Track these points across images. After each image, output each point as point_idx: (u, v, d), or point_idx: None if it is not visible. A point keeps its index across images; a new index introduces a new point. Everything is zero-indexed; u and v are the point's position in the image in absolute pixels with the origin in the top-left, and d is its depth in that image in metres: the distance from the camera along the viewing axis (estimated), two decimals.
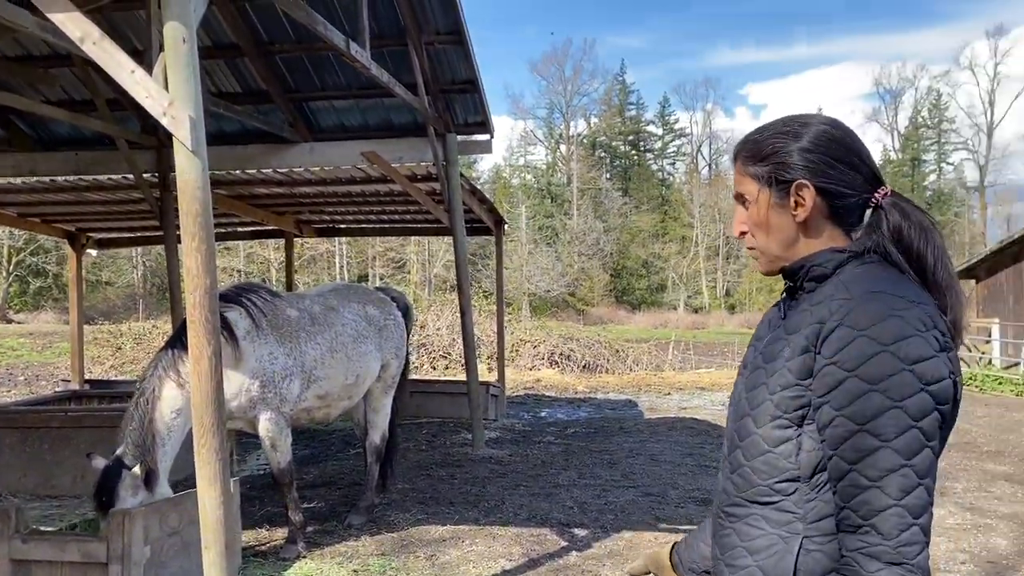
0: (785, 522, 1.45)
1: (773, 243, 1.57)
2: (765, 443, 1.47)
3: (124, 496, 4.94)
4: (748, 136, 1.62)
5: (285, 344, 5.75)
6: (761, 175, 1.56)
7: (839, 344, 1.36)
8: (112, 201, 10.64)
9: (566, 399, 15.00)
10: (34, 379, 17.48)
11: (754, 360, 1.58)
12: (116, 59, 3.87)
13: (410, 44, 8.28)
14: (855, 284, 1.42)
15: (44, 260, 35.70)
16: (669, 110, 68.46)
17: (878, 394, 1.32)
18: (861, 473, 1.32)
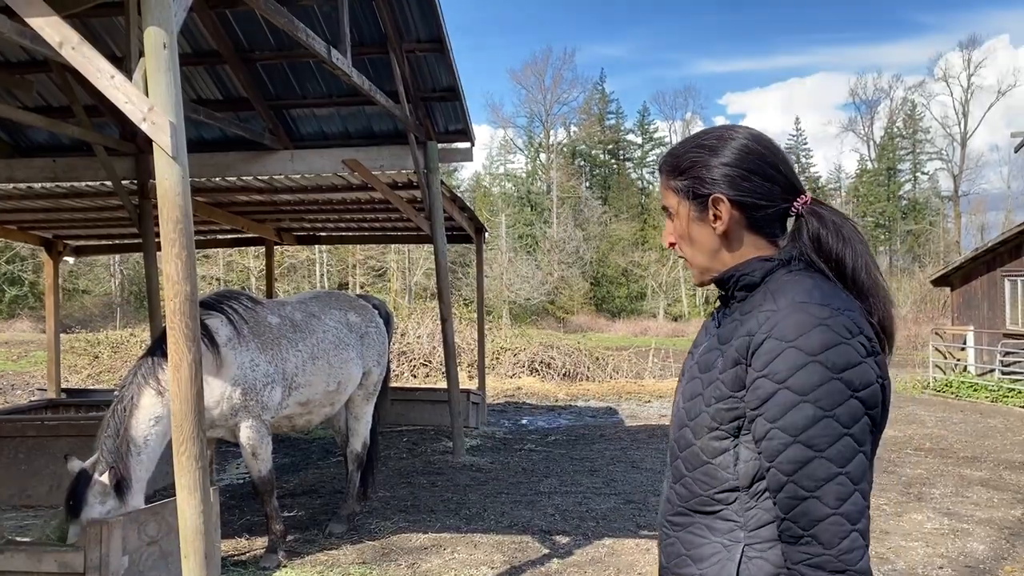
0: (727, 530, 1.47)
1: (698, 254, 1.60)
2: (704, 454, 1.49)
3: (92, 503, 4.89)
4: (671, 149, 1.65)
5: (267, 351, 5.72)
6: (681, 188, 1.59)
7: (769, 356, 1.38)
8: (90, 208, 10.55)
9: (547, 407, 15.00)
10: (9, 388, 17.24)
11: (691, 369, 1.60)
12: (95, 64, 3.85)
13: (391, 52, 8.29)
14: (781, 295, 1.44)
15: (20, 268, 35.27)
16: (649, 119, 68.90)
17: (809, 405, 1.34)
18: (798, 484, 1.34)
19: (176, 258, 3.71)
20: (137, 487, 5.12)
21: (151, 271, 9.61)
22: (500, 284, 45.78)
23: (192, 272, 3.77)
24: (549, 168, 61.65)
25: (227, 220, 11.38)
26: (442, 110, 9.38)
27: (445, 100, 9.19)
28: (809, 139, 73.84)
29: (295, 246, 14.47)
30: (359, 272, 46.73)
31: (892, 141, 64.56)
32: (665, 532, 1.60)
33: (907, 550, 6.01)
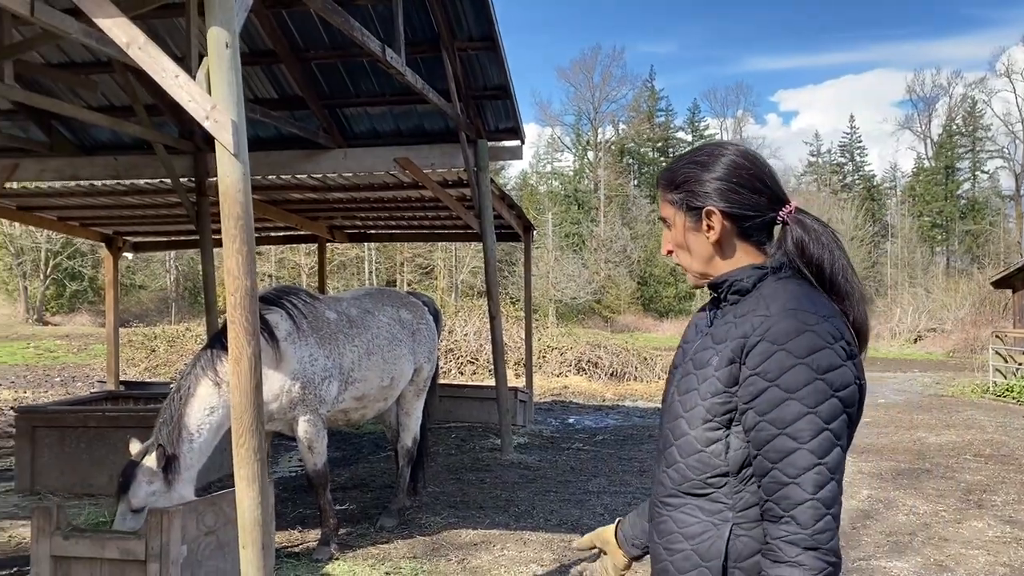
0: (716, 511, 1.65)
1: (694, 261, 1.77)
2: (698, 443, 1.65)
3: (140, 481, 4.99)
4: (667, 165, 1.82)
5: (325, 346, 5.80)
6: (676, 201, 1.77)
7: (761, 358, 1.55)
8: (149, 205, 10.81)
9: (594, 406, 14.95)
10: (70, 380, 17.77)
11: (684, 365, 1.76)
12: (161, 64, 3.94)
13: (443, 50, 8.33)
14: (773, 300, 1.61)
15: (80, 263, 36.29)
16: (699, 116, 68.27)
17: (795, 402, 1.52)
18: (782, 471, 1.52)
19: (237, 253, 3.78)
20: (186, 475, 5.21)
21: (208, 267, 9.81)
22: (546, 283, 45.72)
23: (252, 267, 3.84)
24: (597, 166, 61.39)
25: (281, 218, 11.56)
26: (493, 108, 9.40)
27: (496, 98, 9.21)
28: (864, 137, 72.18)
29: (345, 243, 14.65)
30: (407, 270, 47.13)
31: (951, 139, 62.92)
32: (658, 511, 1.76)
33: (967, 558, 5.85)
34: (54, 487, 7.51)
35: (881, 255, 58.37)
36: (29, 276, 34.59)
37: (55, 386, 16.78)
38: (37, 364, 20.86)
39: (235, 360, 3.83)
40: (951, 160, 62.26)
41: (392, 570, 5.39)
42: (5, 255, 34.38)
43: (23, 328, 29.60)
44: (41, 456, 7.58)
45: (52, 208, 11.31)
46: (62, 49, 8.55)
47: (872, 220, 58.78)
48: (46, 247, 34.34)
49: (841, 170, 67.87)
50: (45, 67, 8.59)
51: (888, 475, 8.71)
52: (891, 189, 67.41)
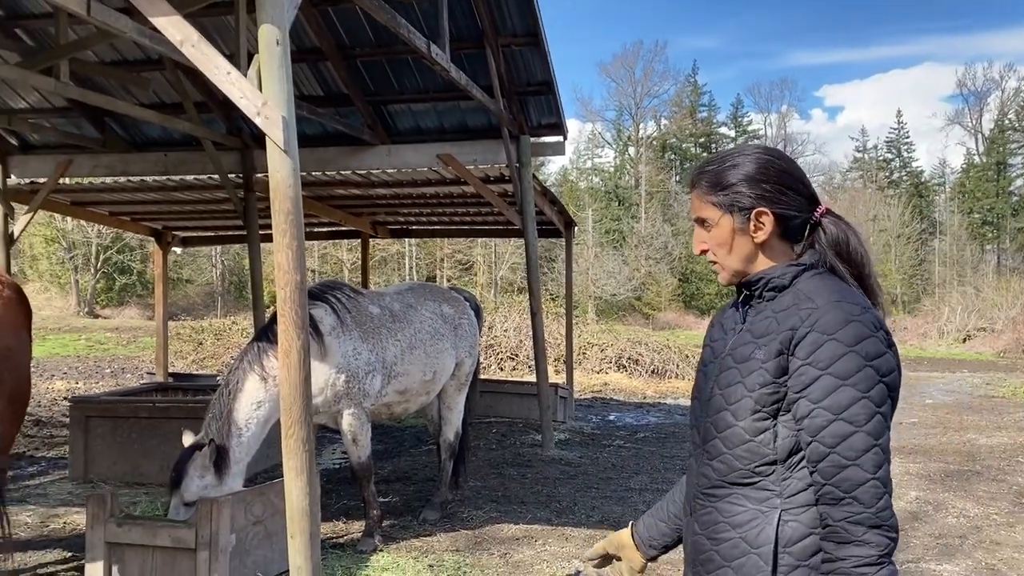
0: (764, 499, 1.70)
1: (735, 260, 1.82)
2: (747, 433, 1.70)
3: (192, 475, 5.10)
4: (705, 167, 1.85)
5: (368, 340, 5.86)
6: (722, 203, 1.80)
7: (812, 348, 1.62)
8: (197, 200, 11.02)
9: (634, 403, 14.89)
10: (120, 371, 18.20)
11: (719, 361, 1.81)
12: (213, 61, 4.01)
13: (487, 47, 8.36)
14: (817, 294, 1.68)
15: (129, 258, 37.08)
16: (742, 112, 67.41)
17: (849, 388, 1.58)
18: (841, 455, 1.58)
19: (287, 248, 3.84)
20: (236, 468, 5.31)
21: (255, 262, 9.97)
22: (586, 279, 45.57)
23: (301, 262, 3.90)
24: (638, 162, 61.00)
25: (326, 213, 11.70)
26: (535, 104, 9.41)
27: (539, 94, 9.22)
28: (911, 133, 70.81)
29: (386, 239, 14.78)
30: (446, 265, 47.33)
31: (1003, 134, 61.29)
32: (700, 503, 1.80)
33: (1020, 562, 5.72)
34: (106, 475, 7.70)
35: (929, 253, 57.14)
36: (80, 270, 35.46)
37: (105, 377, 17.20)
38: (88, 356, 21.39)
39: (284, 353, 3.89)
40: (1003, 156, 60.66)
41: (435, 563, 5.44)
42: (58, 249, 35.28)
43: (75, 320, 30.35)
44: (94, 445, 7.78)
45: (104, 203, 11.59)
46: (115, 47, 8.75)
47: (920, 217, 57.53)
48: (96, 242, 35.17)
49: (888, 166, 66.55)
50: (99, 65, 8.79)
51: (937, 476, 8.54)
52: (940, 185, 65.90)
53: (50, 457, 8.91)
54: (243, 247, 28.30)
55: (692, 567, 1.85)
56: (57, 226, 33.95)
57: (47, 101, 9.75)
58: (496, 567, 5.41)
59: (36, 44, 8.61)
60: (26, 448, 9.32)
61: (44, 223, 32.63)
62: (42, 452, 9.19)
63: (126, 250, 36.46)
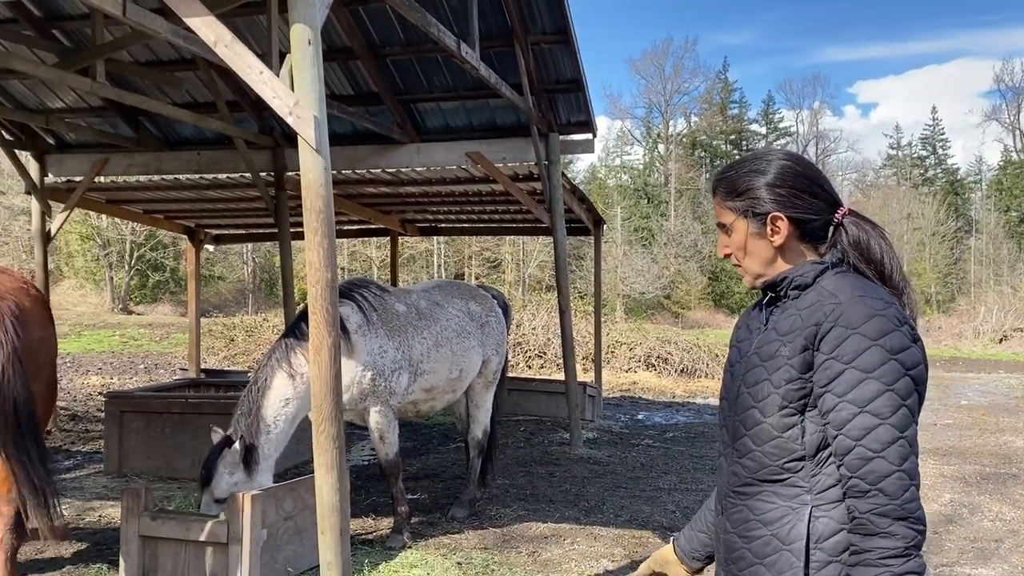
0: (794, 495, 1.71)
1: (755, 263, 1.85)
2: (775, 430, 1.72)
3: (222, 472, 5.15)
4: (723, 174, 1.90)
5: (394, 338, 5.88)
6: (739, 208, 1.84)
7: (836, 342, 1.64)
8: (230, 199, 11.14)
9: (663, 402, 14.81)
10: (153, 367, 18.46)
11: (745, 360, 1.84)
12: (246, 61, 4.05)
13: (516, 45, 8.35)
14: (840, 291, 1.71)
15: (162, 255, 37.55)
16: (774, 108, 66.65)
17: (873, 380, 1.60)
18: (866, 447, 1.60)
19: (319, 246, 3.87)
20: (265, 465, 5.36)
21: (286, 259, 10.06)
22: (614, 278, 45.40)
23: (333, 260, 3.93)
24: (667, 159, 60.63)
25: (355, 211, 11.77)
26: (565, 102, 9.39)
27: (568, 92, 9.20)
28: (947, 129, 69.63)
29: (414, 237, 14.86)
30: (474, 263, 47.40)
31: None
32: (731, 502, 1.82)
33: None
34: (140, 470, 7.81)
35: (964, 251, 56.14)
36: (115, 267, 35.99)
37: (139, 373, 17.46)
38: (122, 351, 21.72)
39: (315, 350, 3.92)
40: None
41: (464, 560, 5.45)
42: (93, 247, 35.85)
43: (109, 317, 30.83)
44: (128, 440, 7.90)
45: (139, 201, 11.76)
46: (149, 48, 8.87)
47: (955, 215, 56.55)
48: (130, 239, 35.67)
49: (922, 163, 65.50)
50: (133, 65, 8.92)
51: (972, 479, 8.40)
52: (976, 183, 64.73)
53: (85, 451, 9.07)
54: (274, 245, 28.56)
55: (724, 566, 1.87)
56: (92, 224, 34.49)
57: (83, 101, 9.92)
58: (524, 565, 5.41)
59: (73, 45, 8.76)
60: (62, 442, 9.49)
61: (79, 221, 33.17)
62: (77, 446, 9.35)
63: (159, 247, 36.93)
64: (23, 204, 30.33)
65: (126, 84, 9.25)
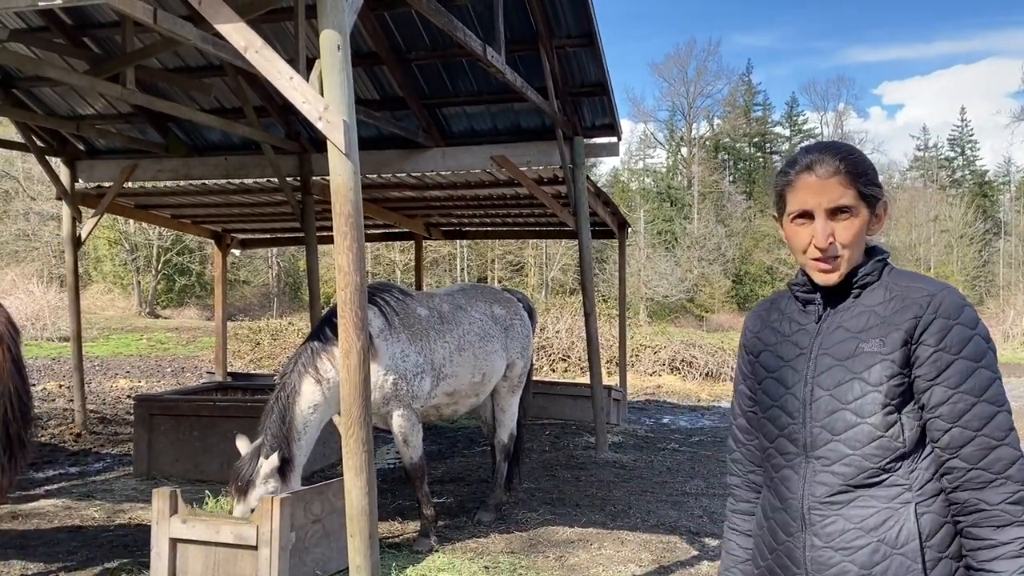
0: (895, 495, 1.65)
1: (858, 255, 1.74)
2: (878, 429, 1.65)
3: (259, 485, 5.16)
4: (845, 152, 1.74)
5: (416, 342, 5.88)
6: (864, 192, 1.73)
7: (941, 334, 1.61)
8: (256, 204, 11.23)
9: (688, 406, 14.73)
10: (180, 371, 18.64)
11: (813, 361, 1.74)
12: (276, 67, 4.08)
13: (541, 48, 8.35)
14: (920, 283, 1.69)
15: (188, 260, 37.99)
16: (798, 110, 66.18)
17: (984, 369, 1.60)
18: (989, 436, 1.57)
19: (348, 250, 3.88)
20: (298, 471, 5.39)
21: (312, 263, 10.11)
22: (638, 281, 45.25)
23: (361, 264, 3.94)
24: (691, 162, 60.36)
25: (380, 215, 11.82)
26: (589, 105, 9.37)
27: (593, 95, 9.17)
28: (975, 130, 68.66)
29: (438, 241, 14.89)
30: (498, 267, 47.45)
31: None
32: (820, 515, 1.71)
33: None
34: (169, 472, 7.88)
35: (993, 254, 55.39)
36: (142, 271, 36.43)
37: (167, 376, 17.64)
38: (150, 355, 21.96)
39: (345, 354, 3.94)
40: None
41: (491, 564, 5.44)
42: (120, 251, 36.31)
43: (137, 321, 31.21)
44: (157, 442, 7.98)
45: (167, 206, 11.88)
46: (178, 54, 8.97)
47: (983, 217, 55.81)
48: (157, 244, 36.10)
49: (950, 165, 64.72)
50: (163, 72, 9.02)
51: None
52: (1005, 184, 63.80)
53: (115, 454, 9.17)
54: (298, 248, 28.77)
55: None
56: (120, 229, 34.94)
57: (113, 107, 10.05)
58: (552, 570, 5.39)
59: (103, 52, 8.88)
60: (92, 445, 9.60)
61: (107, 226, 33.62)
62: (107, 449, 9.46)
63: (185, 252, 37.35)
64: (53, 209, 30.80)
65: (155, 91, 9.35)
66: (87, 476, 8.06)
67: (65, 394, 13.39)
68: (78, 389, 10.39)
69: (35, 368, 17.60)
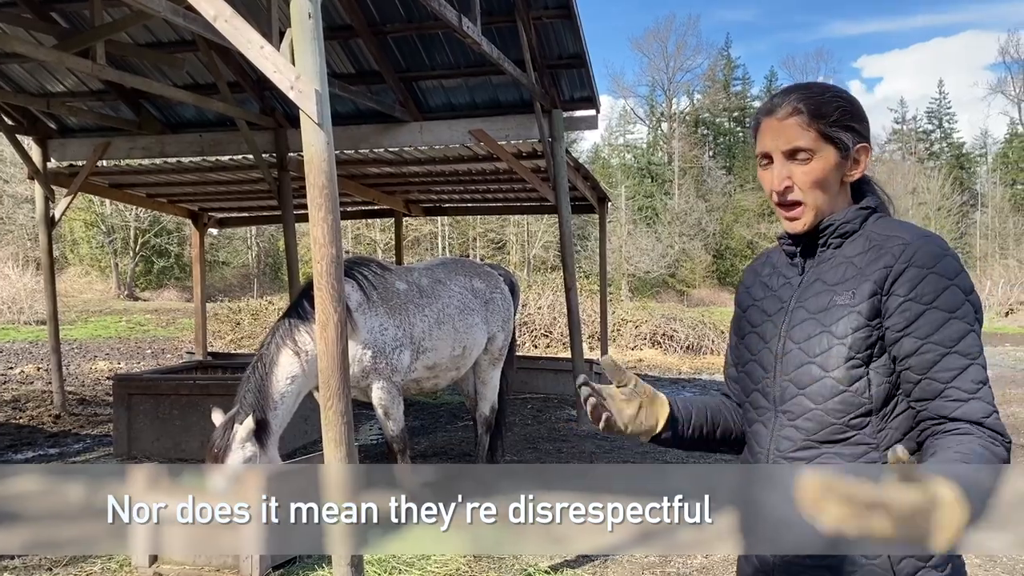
0: (860, 454, 1.60)
1: (824, 201, 1.66)
2: (840, 384, 1.60)
3: (235, 448, 5.13)
4: (806, 92, 1.67)
5: (395, 316, 5.87)
6: (828, 134, 1.63)
7: (913, 283, 1.54)
8: (232, 181, 11.10)
9: (670, 379, 14.83)
10: (160, 352, 18.52)
11: (789, 315, 1.69)
12: (246, 36, 4.01)
13: (518, 20, 8.28)
14: (900, 231, 1.61)
15: (167, 241, 37.63)
16: (776, 85, 66.21)
17: (957, 320, 1.53)
18: (959, 388, 1.53)
19: (322, 222, 3.85)
20: (274, 439, 5.36)
21: (289, 241, 10.03)
22: (619, 257, 45.36)
23: (337, 235, 3.90)
24: (671, 138, 60.37)
25: (359, 192, 11.74)
26: (568, 78, 9.32)
27: (571, 67, 9.12)
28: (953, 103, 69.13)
29: (419, 218, 14.82)
30: (479, 244, 47.38)
31: None
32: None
33: None
34: (149, 452, 7.84)
35: (970, 225, 55.95)
36: (120, 253, 36.07)
37: (146, 358, 17.52)
38: (129, 337, 21.80)
39: (322, 326, 3.91)
40: None
41: (475, 536, 5.46)
42: (97, 233, 35.90)
43: (116, 303, 30.94)
44: (137, 422, 7.93)
45: (142, 185, 11.74)
46: (149, 29, 8.81)
47: (961, 189, 56.29)
48: (135, 225, 35.72)
49: (928, 138, 65.14)
50: (133, 47, 8.87)
51: None
52: (981, 156, 64.38)
53: (95, 435, 9.11)
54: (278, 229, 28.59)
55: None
56: (96, 210, 34.54)
57: (84, 84, 9.88)
58: (536, 540, 5.42)
59: (72, 27, 8.71)
60: (71, 426, 9.54)
61: (83, 208, 33.22)
62: (87, 430, 9.39)
63: (163, 233, 37.00)
64: (26, 192, 30.36)
65: (127, 66, 9.19)
66: (67, 457, 8.00)
67: (44, 376, 13.27)
68: (56, 371, 10.29)
69: (12, 352, 17.42)
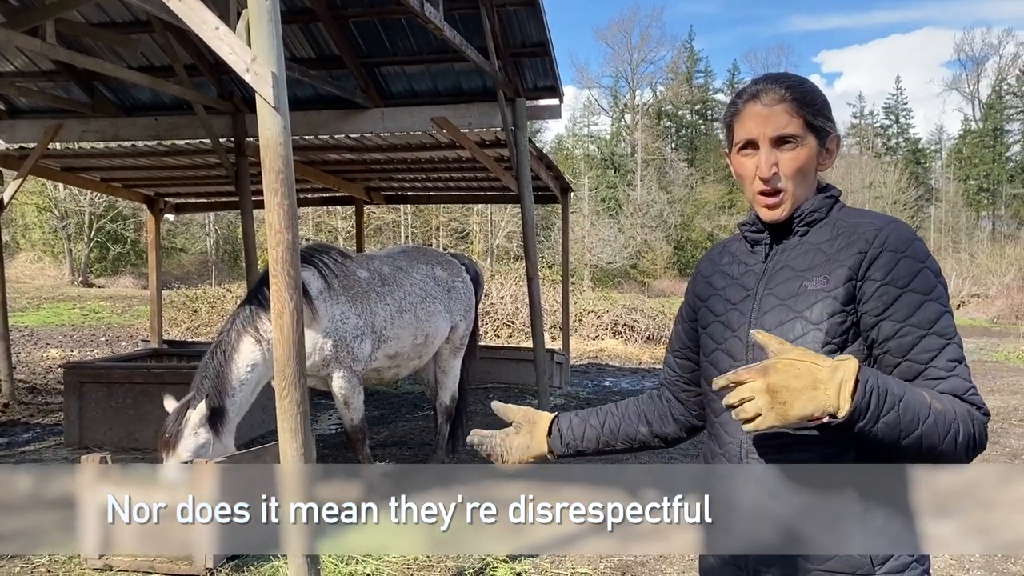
0: (832, 439, 1.56)
1: (803, 189, 1.69)
2: None
3: (187, 434, 5.05)
4: (791, 80, 1.70)
5: (356, 304, 5.82)
6: (812, 123, 1.67)
7: (888, 267, 1.56)
8: (189, 166, 10.90)
9: (630, 369, 14.92)
10: (115, 340, 18.16)
11: (758, 303, 1.68)
12: (200, 16, 3.91)
13: (481, 6, 8.21)
14: (869, 218, 1.64)
15: (123, 227, 36.87)
16: (739, 78, 66.87)
17: (933, 302, 1.55)
18: (939, 367, 1.54)
19: (279, 207, 3.77)
20: (230, 426, 5.29)
21: (247, 228, 9.88)
22: (582, 247, 45.50)
23: (294, 221, 3.83)
24: (634, 129, 60.64)
25: (319, 179, 11.60)
26: (531, 66, 9.27)
27: (534, 56, 9.08)
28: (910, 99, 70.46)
29: (381, 207, 14.70)
30: (442, 234, 47.21)
31: (1000, 100, 61.03)
32: (758, 459, 1.65)
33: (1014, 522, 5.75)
34: (101, 441, 7.68)
35: (924, 220, 57.12)
36: (73, 239, 35.26)
37: (100, 346, 17.16)
38: (83, 324, 21.33)
39: (278, 313, 3.84)
40: (999, 122, 60.43)
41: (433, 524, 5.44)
42: (50, 218, 35.04)
43: (69, 290, 30.23)
44: (88, 411, 7.76)
45: (96, 169, 11.46)
46: (102, 8, 8.58)
47: (916, 184, 57.44)
48: (89, 211, 34.93)
49: (885, 132, 66.31)
50: (86, 26, 8.63)
51: None
52: (936, 152, 65.75)
53: (45, 424, 8.90)
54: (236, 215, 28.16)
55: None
56: (49, 195, 33.70)
57: (34, 64, 9.60)
58: (494, 528, 5.42)
59: (20, 3, 8.45)
60: (20, 415, 9.31)
61: (35, 192, 32.39)
62: (37, 419, 9.18)
63: (119, 219, 36.24)
64: None
65: (79, 46, 8.95)
66: (15, 447, 7.81)
67: None
68: (4, 358, 10.03)
69: None
